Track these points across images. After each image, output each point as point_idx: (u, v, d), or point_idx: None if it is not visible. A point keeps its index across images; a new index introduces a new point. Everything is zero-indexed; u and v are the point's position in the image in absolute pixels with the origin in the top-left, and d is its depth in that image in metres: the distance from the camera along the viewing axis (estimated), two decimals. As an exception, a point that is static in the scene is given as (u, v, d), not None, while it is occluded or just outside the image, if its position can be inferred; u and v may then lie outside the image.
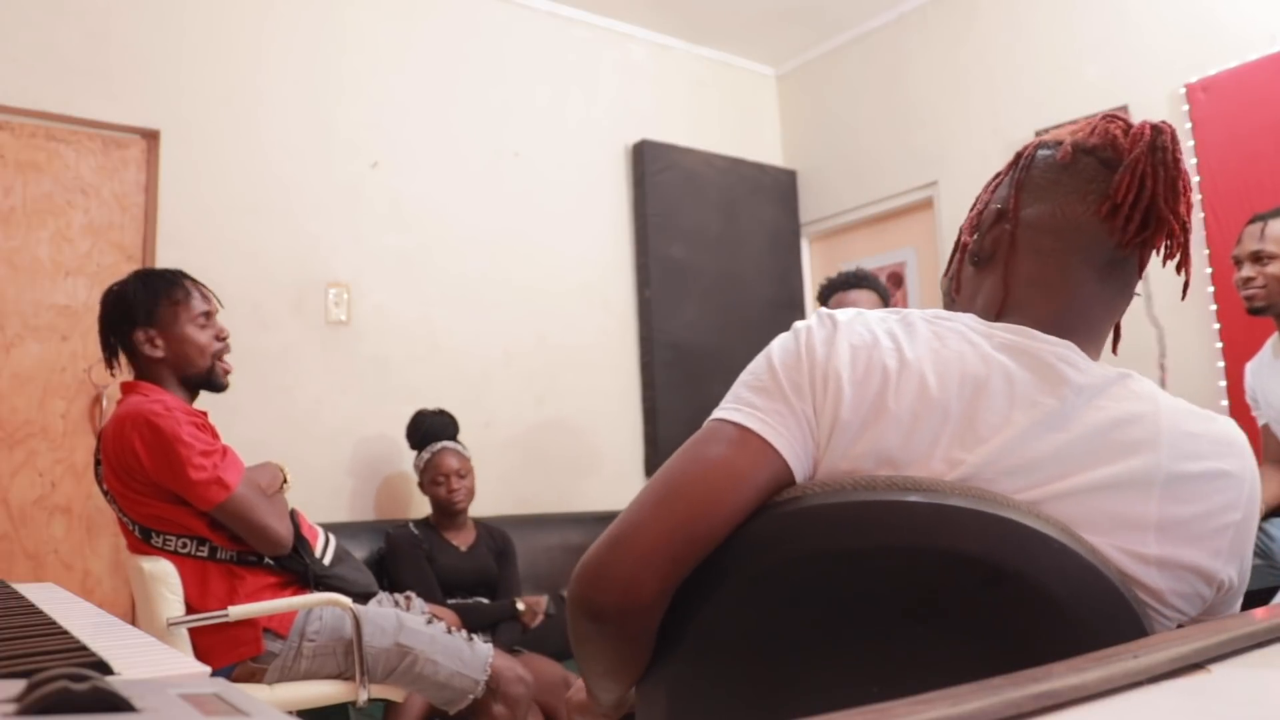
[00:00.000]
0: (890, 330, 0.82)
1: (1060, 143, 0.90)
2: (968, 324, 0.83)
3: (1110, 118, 0.89)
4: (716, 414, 0.82)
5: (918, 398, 0.77)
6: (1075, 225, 0.86)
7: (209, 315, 2.11)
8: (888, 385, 0.78)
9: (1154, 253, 0.88)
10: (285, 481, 2.14)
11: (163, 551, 1.96)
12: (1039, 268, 0.87)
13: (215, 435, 2.01)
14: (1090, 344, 0.86)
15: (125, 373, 2.11)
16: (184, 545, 1.97)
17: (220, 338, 2.12)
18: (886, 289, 2.92)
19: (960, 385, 0.78)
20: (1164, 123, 0.86)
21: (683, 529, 0.76)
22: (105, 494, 2.04)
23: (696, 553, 0.76)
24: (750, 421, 0.79)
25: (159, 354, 2.04)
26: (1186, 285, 0.90)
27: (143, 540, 1.97)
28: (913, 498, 0.74)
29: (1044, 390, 0.78)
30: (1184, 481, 0.77)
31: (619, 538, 0.77)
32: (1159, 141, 0.84)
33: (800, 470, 0.79)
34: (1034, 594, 0.72)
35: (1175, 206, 0.84)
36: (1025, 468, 0.76)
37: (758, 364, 0.84)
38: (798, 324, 0.85)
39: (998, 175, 0.96)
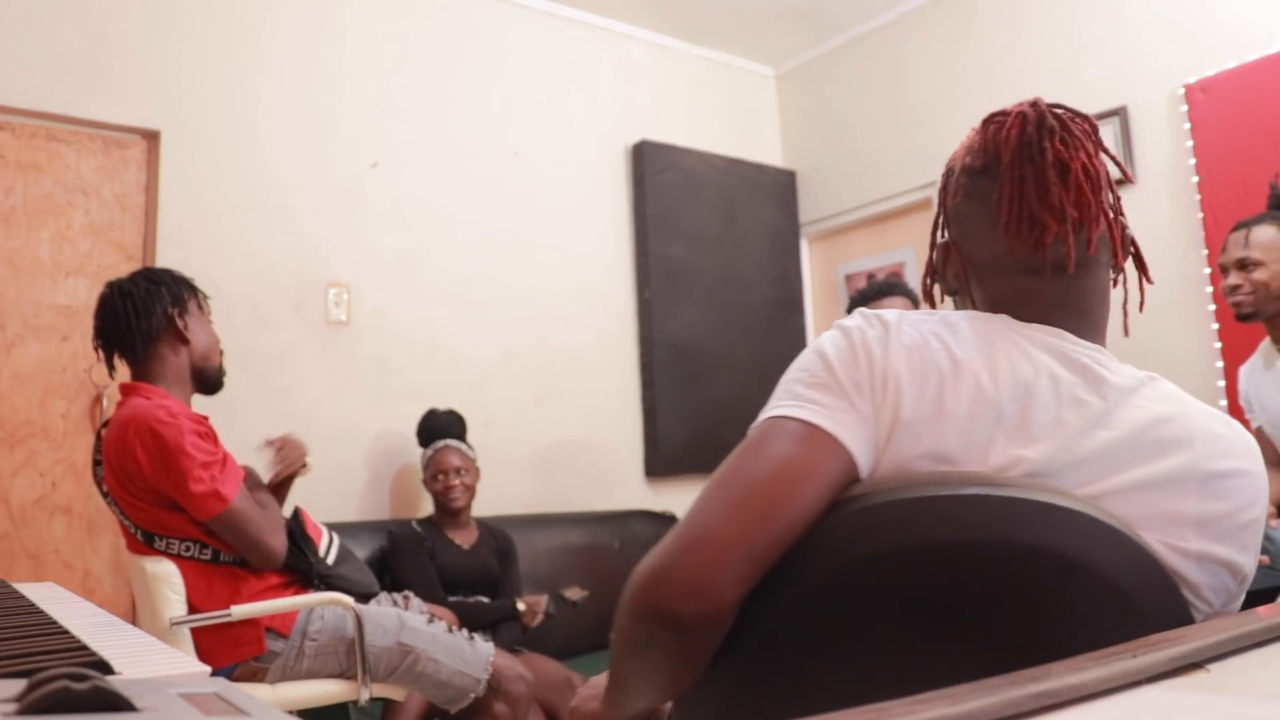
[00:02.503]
0: (935, 331, 0.83)
1: (952, 170, 0.94)
2: (1006, 324, 0.85)
3: (987, 121, 0.91)
4: (775, 412, 0.80)
5: (973, 398, 0.79)
6: (998, 253, 0.89)
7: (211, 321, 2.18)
8: (944, 386, 0.79)
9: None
10: (306, 465, 2.14)
11: (166, 554, 1.96)
12: (998, 294, 0.90)
13: (216, 441, 2.00)
14: (1097, 338, 0.88)
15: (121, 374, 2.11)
16: (187, 549, 1.97)
17: (219, 342, 2.19)
18: (917, 294, 2.90)
19: (1013, 386, 0.80)
20: (1033, 106, 0.89)
21: (761, 528, 0.73)
22: (105, 495, 2.04)
23: (774, 553, 0.74)
24: (815, 417, 0.78)
25: (189, 338, 2.06)
26: (1071, 262, 0.86)
27: (145, 543, 1.97)
28: (991, 492, 0.75)
29: (1088, 390, 0.81)
30: (1216, 479, 0.79)
31: (693, 542, 0.74)
32: (1025, 135, 0.87)
33: (865, 466, 0.79)
34: (1102, 585, 0.74)
35: (1048, 202, 0.85)
36: (1077, 465, 0.78)
37: (810, 361, 0.83)
38: (845, 323, 0.85)
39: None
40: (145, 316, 2.02)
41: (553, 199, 3.87)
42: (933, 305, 1.02)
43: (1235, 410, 2.85)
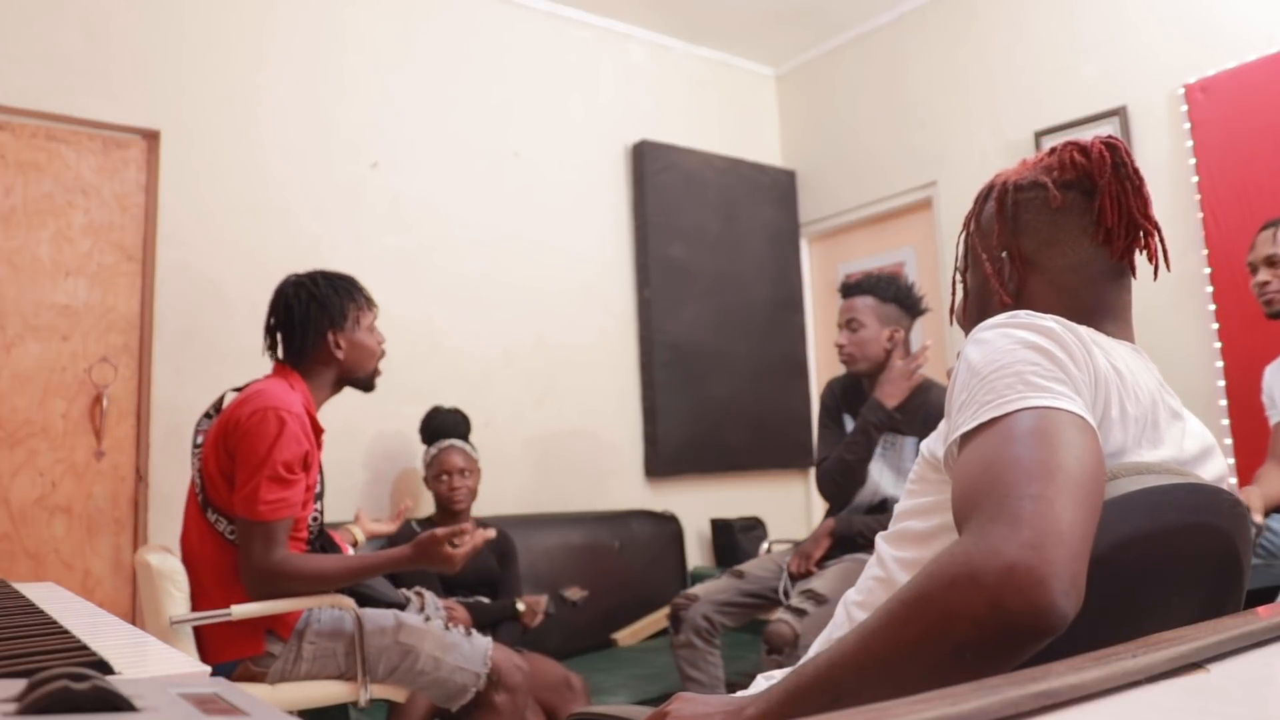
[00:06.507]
0: (1095, 341, 0.90)
1: (1039, 184, 1.02)
2: (1115, 341, 0.96)
3: (1066, 146, 1.04)
4: (1037, 402, 0.78)
5: (1136, 404, 0.89)
6: (1089, 257, 1.01)
7: (374, 321, 2.24)
8: (1124, 392, 0.88)
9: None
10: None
11: (212, 529, 2.00)
12: (1082, 298, 1.01)
13: (308, 466, 2.02)
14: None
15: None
16: (231, 531, 2.00)
17: (380, 343, 2.25)
18: (890, 287, 2.85)
19: (1149, 395, 0.91)
20: (1110, 137, 1.02)
21: (1094, 520, 0.71)
22: (195, 449, 2.09)
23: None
24: (1081, 410, 0.79)
25: (340, 356, 2.15)
26: (1163, 265, 1.05)
27: (201, 509, 2.02)
28: (1200, 480, 0.89)
29: (1173, 400, 0.96)
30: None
31: (1054, 535, 0.66)
32: (1117, 159, 1.00)
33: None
34: (1236, 558, 0.92)
35: (1146, 212, 1.01)
36: (1188, 463, 0.92)
37: (1025, 355, 0.82)
38: (1032, 322, 0.87)
39: (972, 216, 1.10)
40: (300, 334, 2.14)
41: (552, 199, 3.87)
42: (965, 298, 1.14)
43: (1236, 410, 2.85)
